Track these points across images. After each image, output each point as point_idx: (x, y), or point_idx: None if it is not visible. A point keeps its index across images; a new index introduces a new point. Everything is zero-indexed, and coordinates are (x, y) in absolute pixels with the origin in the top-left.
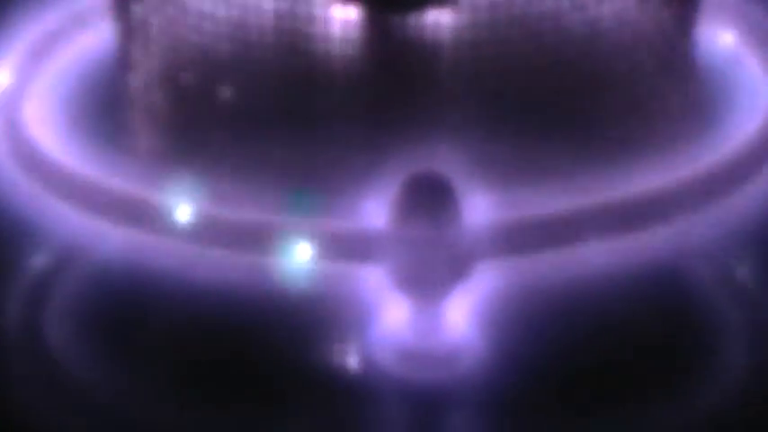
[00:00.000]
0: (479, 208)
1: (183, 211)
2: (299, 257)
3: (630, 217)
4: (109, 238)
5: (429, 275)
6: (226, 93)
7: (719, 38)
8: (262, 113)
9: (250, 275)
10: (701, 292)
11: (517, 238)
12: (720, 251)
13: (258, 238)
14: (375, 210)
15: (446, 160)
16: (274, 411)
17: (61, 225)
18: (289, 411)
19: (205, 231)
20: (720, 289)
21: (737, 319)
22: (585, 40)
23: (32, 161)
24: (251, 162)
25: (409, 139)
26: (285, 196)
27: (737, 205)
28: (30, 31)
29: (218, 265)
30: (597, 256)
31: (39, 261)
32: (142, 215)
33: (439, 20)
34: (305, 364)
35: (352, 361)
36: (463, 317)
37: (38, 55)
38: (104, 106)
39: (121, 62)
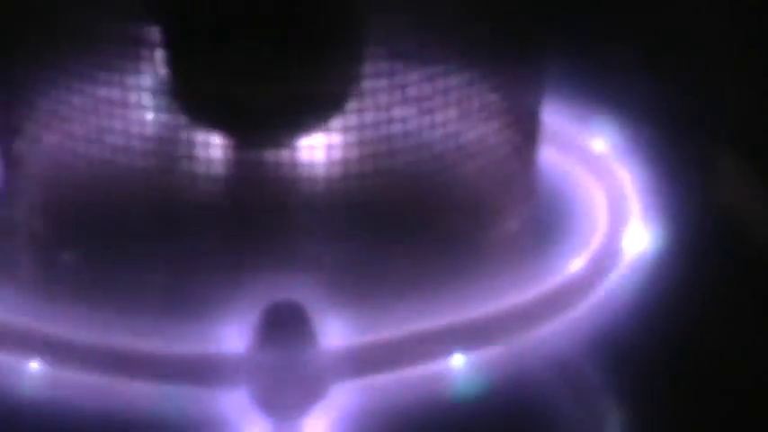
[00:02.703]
0: (333, 332)
1: (58, 335)
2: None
3: (475, 335)
4: None
5: (286, 396)
6: (97, 218)
7: (558, 165)
8: (134, 243)
9: (120, 401)
10: (540, 402)
11: (369, 359)
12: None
13: (130, 364)
14: (235, 335)
15: (302, 288)
16: None
17: None
18: None
19: (80, 357)
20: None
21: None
22: (434, 170)
23: None
24: (120, 288)
25: (268, 268)
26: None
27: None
28: None
29: (89, 391)
30: (447, 372)
31: None
32: (19, 340)
33: (294, 157)
34: None
35: None
36: None
37: None
38: None
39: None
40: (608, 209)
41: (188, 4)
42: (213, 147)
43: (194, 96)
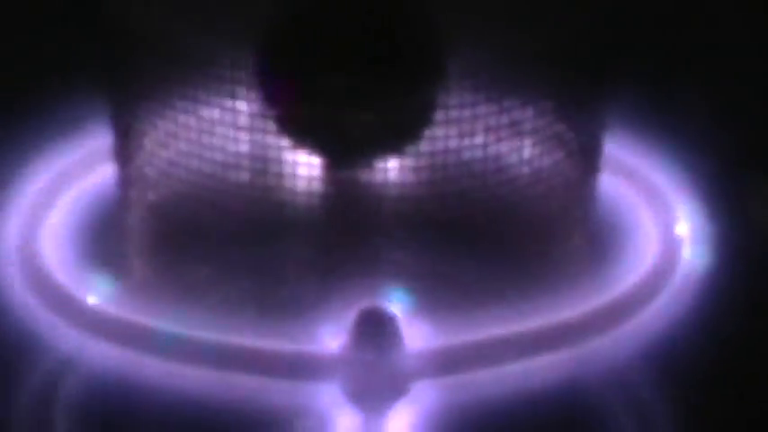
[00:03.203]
0: (418, 335)
1: (169, 331)
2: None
3: (551, 341)
4: (104, 356)
5: (374, 391)
6: (208, 230)
7: (616, 190)
8: (236, 250)
9: (224, 392)
10: (603, 403)
11: (449, 361)
12: (619, 370)
13: (233, 359)
14: (331, 335)
15: (388, 295)
16: None
17: (64, 342)
18: None
19: (188, 351)
20: (619, 401)
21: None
22: (507, 192)
23: (43, 287)
24: (227, 291)
25: (364, 275)
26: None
27: (632, 331)
28: (46, 170)
29: (196, 382)
30: (518, 376)
31: (43, 371)
32: (133, 335)
33: (385, 176)
34: None
35: None
36: (403, 428)
37: (52, 192)
38: (106, 238)
39: (121, 202)
40: (660, 230)
41: (295, 41)
42: (311, 166)
43: (296, 122)
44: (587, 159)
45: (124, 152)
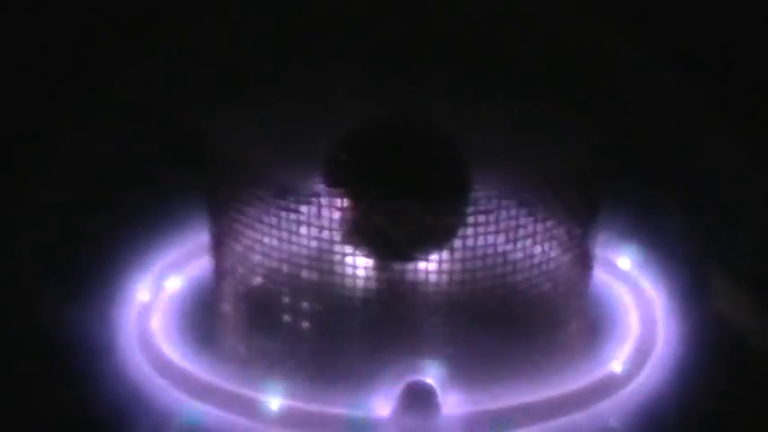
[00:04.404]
0: (452, 403)
1: (266, 401)
2: None
3: (561, 408)
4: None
5: None
6: (285, 315)
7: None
8: (307, 332)
9: None
10: None
11: (475, 424)
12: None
13: (303, 420)
14: (383, 403)
15: (429, 369)
16: None
17: (176, 408)
18: None
19: (265, 413)
20: None
21: None
22: (521, 286)
23: (158, 362)
24: (299, 365)
25: (408, 353)
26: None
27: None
28: (158, 259)
29: None
30: None
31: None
32: (229, 400)
33: (428, 269)
34: None
35: None
36: None
37: (162, 278)
38: (207, 320)
39: (216, 293)
40: (640, 317)
41: (354, 172)
42: (366, 267)
43: (356, 233)
44: (584, 262)
45: (219, 253)
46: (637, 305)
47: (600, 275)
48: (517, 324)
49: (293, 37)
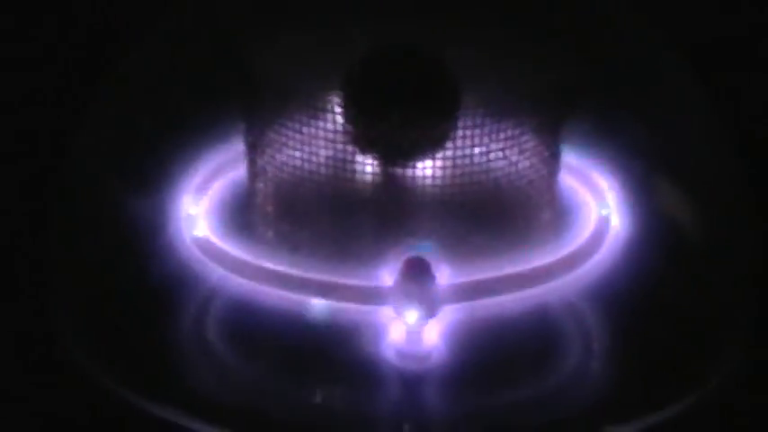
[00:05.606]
0: (444, 272)
1: (287, 270)
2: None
3: (531, 279)
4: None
5: (416, 310)
6: (307, 206)
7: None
8: (324, 220)
9: (310, 310)
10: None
11: (465, 292)
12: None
13: (320, 289)
14: (387, 274)
15: (425, 248)
16: None
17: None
18: None
19: (290, 283)
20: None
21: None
22: (503, 184)
23: (201, 244)
24: (318, 246)
25: (406, 236)
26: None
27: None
28: (203, 166)
29: (293, 304)
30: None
31: (201, 294)
32: (262, 274)
33: (424, 172)
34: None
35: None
36: (436, 335)
37: (209, 180)
38: (242, 212)
39: (249, 189)
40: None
41: (366, 87)
42: (372, 165)
43: (365, 138)
44: (553, 163)
45: (252, 156)
46: (594, 200)
47: (565, 176)
48: (499, 212)
49: None
